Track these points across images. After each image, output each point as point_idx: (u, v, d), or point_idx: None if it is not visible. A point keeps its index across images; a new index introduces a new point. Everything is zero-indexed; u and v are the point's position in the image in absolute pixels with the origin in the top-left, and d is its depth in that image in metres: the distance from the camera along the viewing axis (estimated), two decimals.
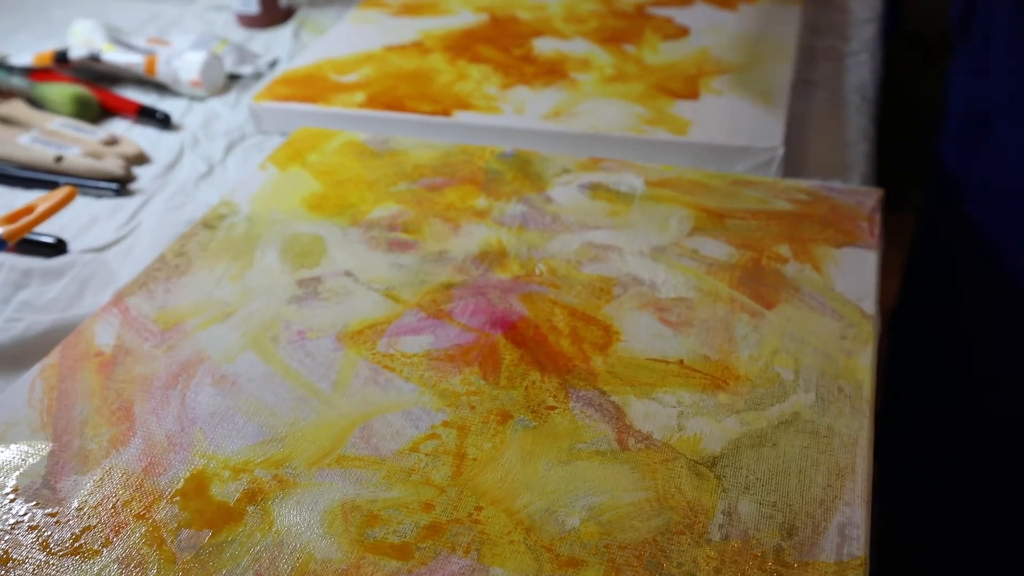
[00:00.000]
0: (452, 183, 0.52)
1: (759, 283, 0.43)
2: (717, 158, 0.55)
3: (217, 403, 0.38)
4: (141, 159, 0.61)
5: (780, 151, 0.53)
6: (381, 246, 0.47)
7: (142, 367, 0.40)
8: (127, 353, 0.41)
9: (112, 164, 0.58)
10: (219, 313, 0.43)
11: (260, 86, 0.69)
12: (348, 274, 0.46)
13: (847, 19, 0.75)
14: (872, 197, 0.49)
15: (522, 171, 0.53)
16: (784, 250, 0.45)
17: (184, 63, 0.68)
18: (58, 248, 0.52)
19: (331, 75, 0.65)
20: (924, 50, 1.14)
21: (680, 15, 0.72)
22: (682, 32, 0.69)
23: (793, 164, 0.55)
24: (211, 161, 0.61)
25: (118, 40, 0.73)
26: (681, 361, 0.39)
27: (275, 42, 0.78)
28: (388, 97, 0.62)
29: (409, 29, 0.72)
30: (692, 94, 0.60)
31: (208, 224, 0.50)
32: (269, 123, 0.63)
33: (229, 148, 0.62)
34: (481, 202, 0.51)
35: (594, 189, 0.51)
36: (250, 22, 0.80)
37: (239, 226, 0.50)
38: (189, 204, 0.56)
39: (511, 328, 0.41)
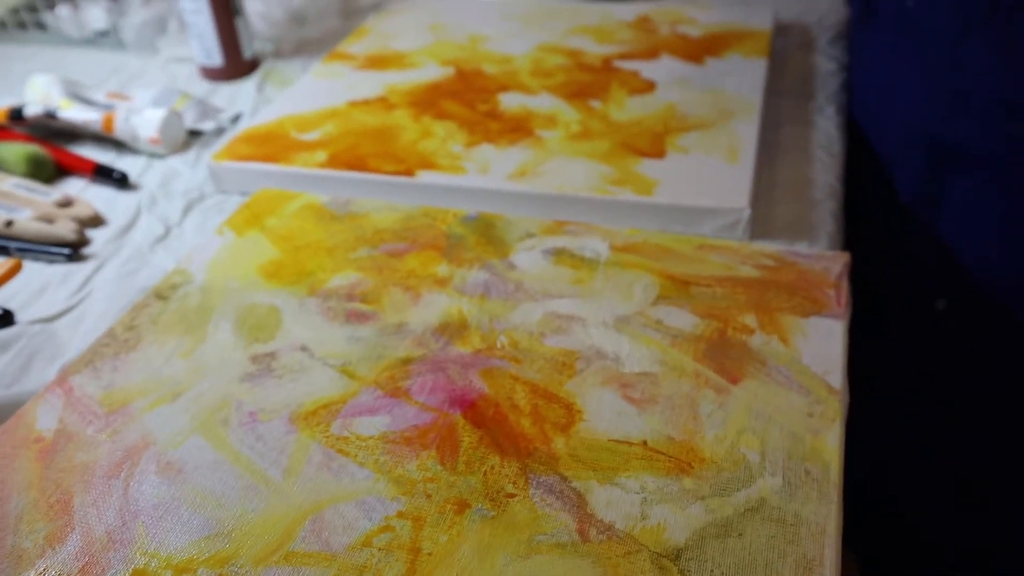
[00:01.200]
0: (413, 248, 0.51)
1: (725, 356, 0.42)
2: (683, 219, 0.54)
3: (161, 493, 0.37)
4: (96, 221, 0.59)
5: (747, 212, 0.53)
6: (338, 318, 0.46)
7: (84, 454, 0.39)
8: (69, 439, 0.39)
9: (64, 228, 0.57)
10: (168, 393, 0.42)
11: (222, 142, 0.68)
12: (304, 349, 0.44)
13: (812, 71, 0.75)
14: (839, 262, 0.48)
15: (485, 235, 0.52)
16: (750, 320, 0.44)
17: (143, 120, 0.66)
18: (5, 319, 0.50)
19: (293, 132, 0.64)
20: None
21: (647, 69, 0.72)
22: (648, 87, 0.69)
23: (760, 223, 0.55)
24: (168, 223, 0.59)
25: (77, 95, 0.72)
26: (645, 442, 0.38)
27: (239, 95, 0.76)
28: (350, 156, 0.60)
29: (374, 83, 0.71)
30: (658, 152, 0.59)
31: (160, 294, 0.48)
32: (229, 183, 0.62)
33: (187, 209, 0.61)
34: (443, 269, 0.49)
35: (558, 255, 0.50)
36: (214, 75, 0.79)
37: (193, 296, 0.48)
38: (144, 270, 0.54)
39: (471, 407, 0.40)
